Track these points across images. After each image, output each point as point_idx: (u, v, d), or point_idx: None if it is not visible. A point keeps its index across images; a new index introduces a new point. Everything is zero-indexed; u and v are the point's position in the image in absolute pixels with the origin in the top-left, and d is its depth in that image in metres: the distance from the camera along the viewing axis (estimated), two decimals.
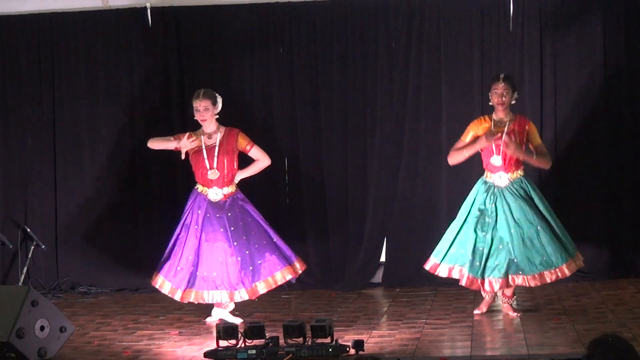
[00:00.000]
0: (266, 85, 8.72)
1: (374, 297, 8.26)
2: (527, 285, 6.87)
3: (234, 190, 7.20)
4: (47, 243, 8.76)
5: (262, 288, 7.10)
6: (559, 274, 6.84)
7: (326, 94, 8.65)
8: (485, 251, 6.83)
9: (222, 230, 7.06)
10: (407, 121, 8.50)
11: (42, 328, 5.80)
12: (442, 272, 7.03)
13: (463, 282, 6.91)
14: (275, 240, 7.20)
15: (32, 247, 8.68)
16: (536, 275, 6.83)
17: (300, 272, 7.30)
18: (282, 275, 7.15)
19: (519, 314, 6.89)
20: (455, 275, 6.96)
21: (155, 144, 7.30)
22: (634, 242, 8.37)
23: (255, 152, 7.32)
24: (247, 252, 7.06)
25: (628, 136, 8.39)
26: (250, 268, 7.05)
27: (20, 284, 8.38)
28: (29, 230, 8.76)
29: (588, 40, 8.39)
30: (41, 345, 5.78)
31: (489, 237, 6.84)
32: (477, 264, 6.83)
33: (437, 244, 7.10)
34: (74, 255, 8.91)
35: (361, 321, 6.93)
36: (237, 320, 6.98)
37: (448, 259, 6.98)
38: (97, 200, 8.88)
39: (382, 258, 8.67)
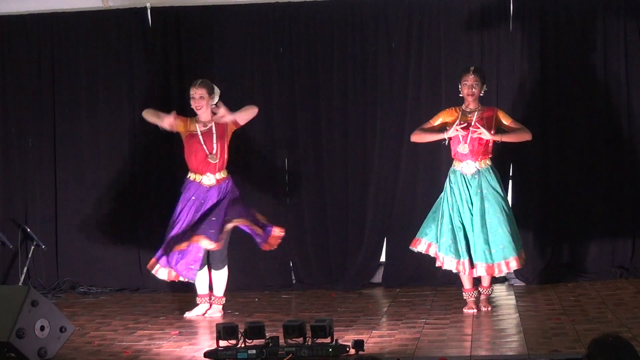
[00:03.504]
0: (266, 85, 8.72)
1: (374, 297, 8.26)
2: (483, 274, 7.14)
3: (225, 176, 7.43)
4: (47, 243, 8.76)
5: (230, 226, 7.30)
6: (509, 265, 7.09)
7: (326, 94, 8.65)
8: (460, 236, 7.11)
9: (212, 216, 7.27)
10: (407, 121, 8.50)
11: (42, 328, 5.79)
12: (421, 248, 7.34)
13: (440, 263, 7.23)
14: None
15: (32, 247, 8.67)
16: (491, 265, 7.07)
17: (279, 233, 7.47)
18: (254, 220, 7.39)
19: (490, 308, 7.17)
20: (431, 253, 7.29)
21: (148, 116, 7.46)
22: (634, 242, 8.37)
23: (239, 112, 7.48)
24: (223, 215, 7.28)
25: (628, 136, 8.39)
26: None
27: (20, 284, 8.38)
28: (29, 230, 8.76)
29: (588, 40, 8.39)
30: (41, 345, 5.77)
31: (461, 224, 7.14)
32: (456, 247, 7.12)
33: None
34: (74, 255, 8.91)
35: (361, 321, 6.93)
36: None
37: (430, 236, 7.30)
38: (97, 200, 8.88)
39: (382, 258, 8.67)
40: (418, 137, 7.40)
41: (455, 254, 7.11)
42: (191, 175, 7.44)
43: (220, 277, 7.52)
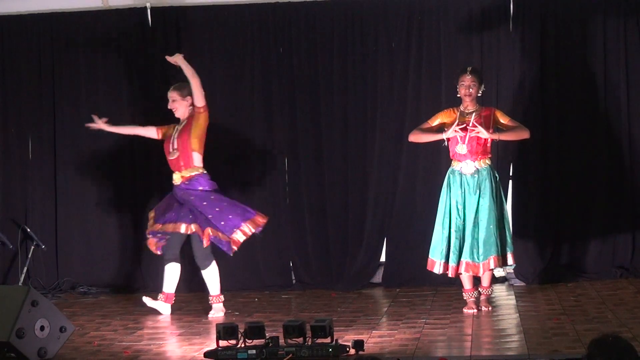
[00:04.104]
0: (266, 85, 8.72)
1: (374, 297, 8.26)
2: (472, 273, 7.13)
3: (193, 174, 7.50)
4: (47, 243, 8.76)
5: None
6: (489, 264, 7.06)
7: (326, 94, 8.65)
8: (452, 238, 7.15)
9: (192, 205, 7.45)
10: (407, 121, 8.50)
11: (42, 328, 5.79)
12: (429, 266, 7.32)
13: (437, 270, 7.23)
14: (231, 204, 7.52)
15: (32, 247, 8.67)
16: (477, 264, 7.08)
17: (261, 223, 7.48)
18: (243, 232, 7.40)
19: (490, 308, 7.15)
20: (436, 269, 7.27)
21: (138, 131, 7.90)
22: (634, 242, 8.37)
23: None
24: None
25: (628, 136, 8.39)
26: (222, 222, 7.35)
27: (20, 284, 8.38)
28: (29, 230, 8.75)
29: (588, 40, 8.39)
30: (41, 345, 5.77)
31: (456, 225, 7.16)
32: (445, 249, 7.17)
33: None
34: (74, 255, 8.91)
35: (361, 321, 6.93)
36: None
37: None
38: (97, 200, 8.88)
39: (382, 258, 8.67)
40: (416, 137, 7.42)
41: (443, 257, 7.14)
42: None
43: (211, 274, 7.51)
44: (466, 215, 7.11)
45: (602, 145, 8.39)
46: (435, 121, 7.33)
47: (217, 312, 7.44)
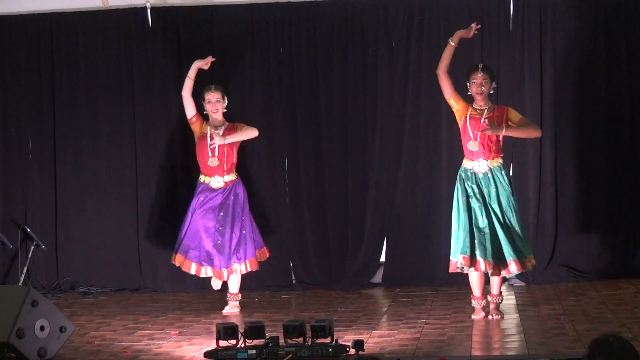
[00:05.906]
0: (266, 85, 8.72)
1: (374, 297, 8.26)
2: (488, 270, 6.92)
3: (234, 179, 7.64)
4: (47, 243, 8.76)
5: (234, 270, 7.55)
6: (510, 269, 6.87)
7: (326, 93, 8.65)
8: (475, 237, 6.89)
9: (212, 214, 7.52)
10: (407, 121, 8.51)
11: (42, 328, 5.80)
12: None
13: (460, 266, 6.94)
14: (250, 232, 7.63)
15: (32, 247, 8.67)
16: (521, 260, 6.90)
17: (261, 260, 7.75)
18: (246, 266, 7.60)
19: (500, 316, 6.90)
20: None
21: (186, 95, 7.68)
22: (634, 242, 8.37)
23: (244, 126, 7.75)
24: (227, 237, 7.51)
25: (628, 135, 8.39)
26: (227, 251, 7.50)
27: (20, 284, 8.38)
28: (29, 230, 8.75)
29: (588, 40, 8.39)
30: (41, 345, 5.78)
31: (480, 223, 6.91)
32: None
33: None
34: (74, 255, 8.91)
35: (361, 321, 6.93)
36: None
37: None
38: (97, 199, 8.88)
39: (382, 258, 8.67)
40: (441, 65, 7.06)
41: (470, 253, 6.83)
42: (201, 177, 7.65)
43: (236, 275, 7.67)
44: (484, 215, 6.88)
45: (602, 145, 8.39)
46: (459, 100, 7.08)
47: (233, 309, 7.59)
